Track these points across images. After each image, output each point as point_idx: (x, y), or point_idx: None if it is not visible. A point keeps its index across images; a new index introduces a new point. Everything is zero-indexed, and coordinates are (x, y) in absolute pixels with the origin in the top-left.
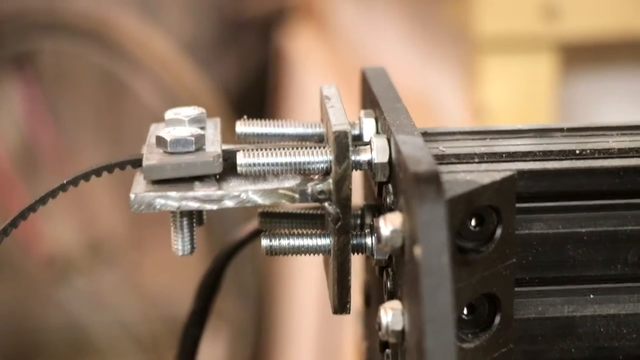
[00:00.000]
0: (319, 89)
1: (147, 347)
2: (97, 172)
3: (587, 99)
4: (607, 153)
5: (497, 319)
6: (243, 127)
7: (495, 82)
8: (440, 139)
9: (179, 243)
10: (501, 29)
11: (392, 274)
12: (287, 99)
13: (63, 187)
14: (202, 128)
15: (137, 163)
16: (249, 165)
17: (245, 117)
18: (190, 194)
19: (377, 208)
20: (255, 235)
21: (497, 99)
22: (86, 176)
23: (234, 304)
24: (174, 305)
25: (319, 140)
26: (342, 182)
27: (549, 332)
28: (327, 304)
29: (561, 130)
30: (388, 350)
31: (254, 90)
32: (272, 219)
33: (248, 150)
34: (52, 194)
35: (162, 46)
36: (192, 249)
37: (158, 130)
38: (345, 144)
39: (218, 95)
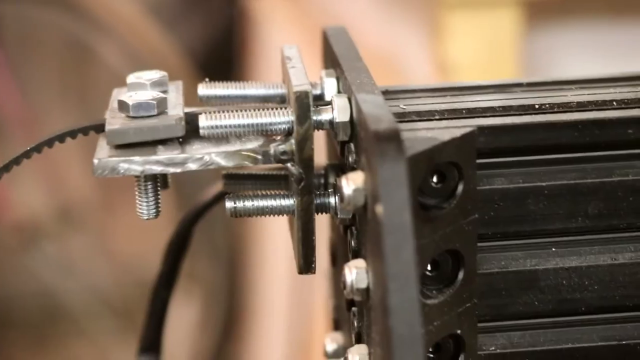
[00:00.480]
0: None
1: (119, 312)
2: (60, 138)
3: (551, 53)
4: (566, 107)
5: (461, 275)
6: (205, 89)
7: (459, 37)
8: (401, 97)
9: (143, 207)
10: None
11: (356, 232)
12: (253, 60)
13: (27, 154)
14: (165, 92)
15: (100, 128)
16: (211, 127)
17: (207, 79)
18: (154, 157)
19: (340, 167)
20: (222, 197)
21: (462, 55)
22: (49, 142)
23: (206, 266)
24: (145, 269)
25: (281, 101)
26: (304, 142)
27: (512, 285)
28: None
29: (520, 85)
30: (354, 309)
31: (221, 51)
32: (236, 181)
33: (210, 112)
34: (16, 161)
35: (127, 8)
36: (157, 212)
37: (120, 94)
38: (306, 104)
39: (184, 57)
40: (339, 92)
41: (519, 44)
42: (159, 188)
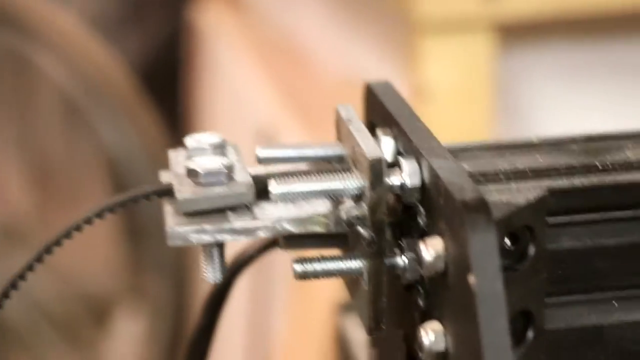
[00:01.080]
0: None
1: (61, 325)
2: (123, 204)
3: (525, 76)
4: (626, 165)
5: (530, 333)
6: (264, 151)
7: (434, 62)
8: (460, 156)
9: (209, 271)
10: (439, 10)
11: (424, 293)
12: (199, 73)
13: (78, 228)
14: (224, 154)
15: (163, 193)
16: (283, 193)
17: (264, 143)
18: (226, 226)
19: (399, 226)
20: (266, 248)
21: (437, 80)
22: (112, 208)
23: (153, 281)
24: (87, 283)
25: (338, 161)
26: (377, 207)
27: (577, 341)
28: (252, 280)
29: (575, 141)
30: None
31: (165, 63)
32: (296, 241)
33: (279, 177)
34: (72, 230)
35: (67, 21)
36: (222, 276)
37: (179, 157)
38: (380, 170)
39: (127, 69)
40: (398, 153)
41: (493, 68)
42: (224, 252)
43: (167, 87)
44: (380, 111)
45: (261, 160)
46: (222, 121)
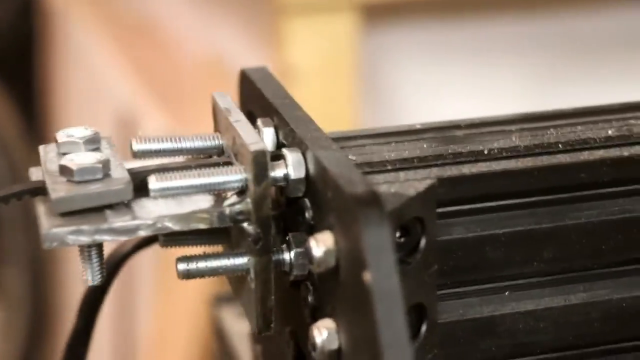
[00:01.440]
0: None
1: None
2: None
3: (389, 56)
4: (514, 150)
5: (424, 327)
6: (140, 145)
7: (298, 43)
8: (345, 145)
9: (88, 273)
10: None
11: (313, 289)
12: (54, 55)
13: None
14: (98, 149)
15: (35, 192)
16: (163, 189)
17: (139, 134)
18: (105, 226)
19: (283, 219)
20: (143, 245)
21: (301, 61)
22: None
23: (11, 275)
24: None
25: (217, 153)
26: (262, 201)
27: (470, 333)
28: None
29: (459, 127)
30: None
31: (14, 43)
32: (175, 237)
33: (160, 173)
34: None
35: None
36: (102, 277)
37: (51, 153)
38: (263, 163)
39: None
40: (279, 143)
41: (357, 48)
42: (103, 252)
43: (20, 68)
44: (258, 99)
45: (136, 154)
46: (79, 105)
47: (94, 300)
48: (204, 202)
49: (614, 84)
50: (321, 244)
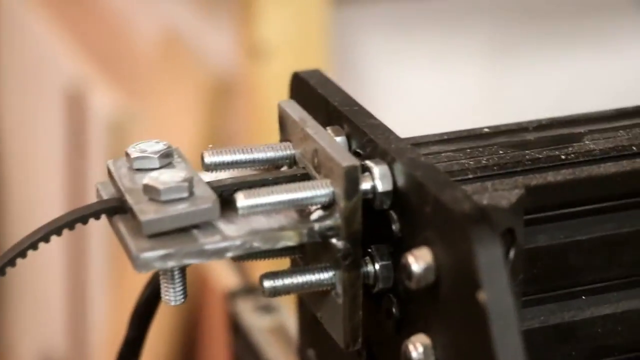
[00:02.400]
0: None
1: None
2: (71, 224)
3: (359, 31)
4: (590, 155)
5: None
6: (212, 157)
7: (269, 20)
8: (421, 153)
9: (170, 294)
10: None
11: (397, 301)
12: None
13: (33, 246)
14: (171, 164)
15: (114, 211)
16: (252, 207)
17: (210, 146)
18: (195, 248)
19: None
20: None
21: (271, 37)
22: (58, 231)
23: None
24: None
25: (290, 163)
26: (353, 216)
27: (551, 339)
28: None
29: (527, 130)
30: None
31: None
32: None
33: (246, 190)
34: (23, 252)
35: None
36: (185, 297)
37: (123, 169)
38: (356, 178)
39: None
40: (352, 152)
41: (326, 22)
42: (186, 272)
43: None
44: (320, 105)
45: (209, 167)
46: (24, 81)
47: (145, 311)
48: (286, 217)
49: (566, 50)
50: (420, 260)
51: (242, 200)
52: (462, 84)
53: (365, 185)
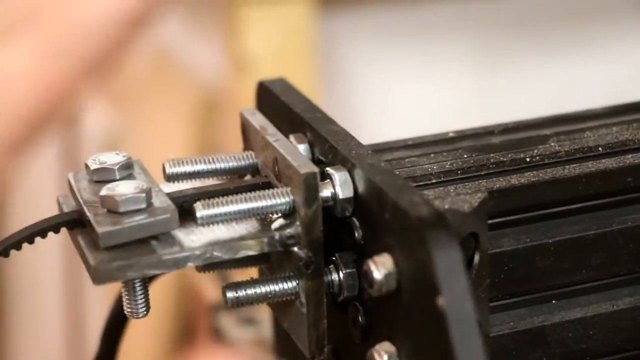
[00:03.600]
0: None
1: None
2: (30, 239)
3: (345, 42)
4: (555, 157)
5: None
6: (173, 168)
7: (255, 32)
8: (384, 158)
9: (132, 307)
10: None
11: (363, 309)
12: None
13: None
14: (132, 175)
15: (72, 224)
16: (211, 217)
17: (171, 157)
18: (155, 259)
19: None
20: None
21: (258, 49)
22: (18, 245)
23: None
24: None
25: (252, 172)
26: (313, 224)
27: (521, 344)
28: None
29: (493, 133)
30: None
31: None
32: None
33: (205, 200)
34: None
35: None
36: (147, 310)
37: (83, 182)
38: (315, 186)
39: None
40: (315, 159)
41: (312, 33)
42: (147, 285)
43: None
44: (283, 113)
45: (170, 177)
46: None
47: (116, 326)
48: (248, 227)
49: (554, 57)
50: (381, 267)
51: (201, 210)
52: (449, 91)
53: (326, 192)
